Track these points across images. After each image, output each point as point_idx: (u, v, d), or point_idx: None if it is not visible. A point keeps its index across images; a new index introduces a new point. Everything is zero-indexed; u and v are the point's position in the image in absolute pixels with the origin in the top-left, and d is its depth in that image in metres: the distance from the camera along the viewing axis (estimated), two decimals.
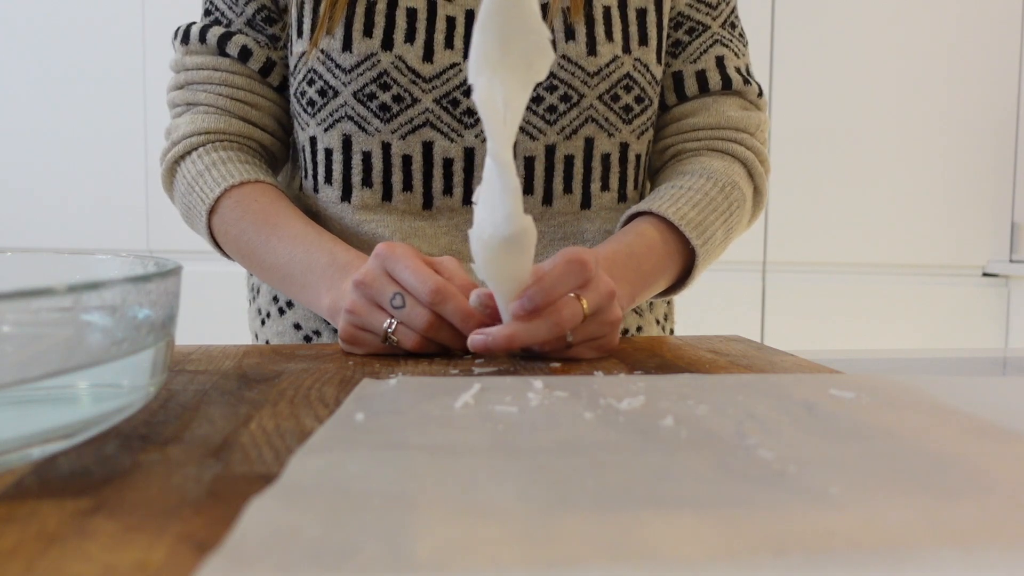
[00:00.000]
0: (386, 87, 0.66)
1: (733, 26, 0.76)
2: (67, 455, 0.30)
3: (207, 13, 0.75)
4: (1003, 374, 0.65)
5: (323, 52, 0.68)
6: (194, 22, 0.74)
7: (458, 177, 0.68)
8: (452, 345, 0.52)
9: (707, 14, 0.75)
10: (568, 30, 0.68)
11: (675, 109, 0.76)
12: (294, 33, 0.71)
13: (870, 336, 1.81)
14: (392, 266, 0.51)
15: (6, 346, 0.29)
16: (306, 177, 0.73)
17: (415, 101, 0.67)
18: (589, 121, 0.69)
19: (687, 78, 0.74)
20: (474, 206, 0.47)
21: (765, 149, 0.76)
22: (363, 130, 0.68)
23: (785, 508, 0.25)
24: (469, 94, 0.67)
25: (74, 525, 0.24)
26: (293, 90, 0.71)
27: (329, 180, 0.70)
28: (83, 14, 1.75)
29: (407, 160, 0.68)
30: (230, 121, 0.72)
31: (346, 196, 0.70)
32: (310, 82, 0.69)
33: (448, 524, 0.23)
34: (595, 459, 0.30)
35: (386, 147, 0.68)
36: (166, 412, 0.37)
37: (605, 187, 0.71)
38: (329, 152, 0.69)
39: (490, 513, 0.24)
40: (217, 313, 1.42)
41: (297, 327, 0.74)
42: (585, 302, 0.50)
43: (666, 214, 0.66)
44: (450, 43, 0.67)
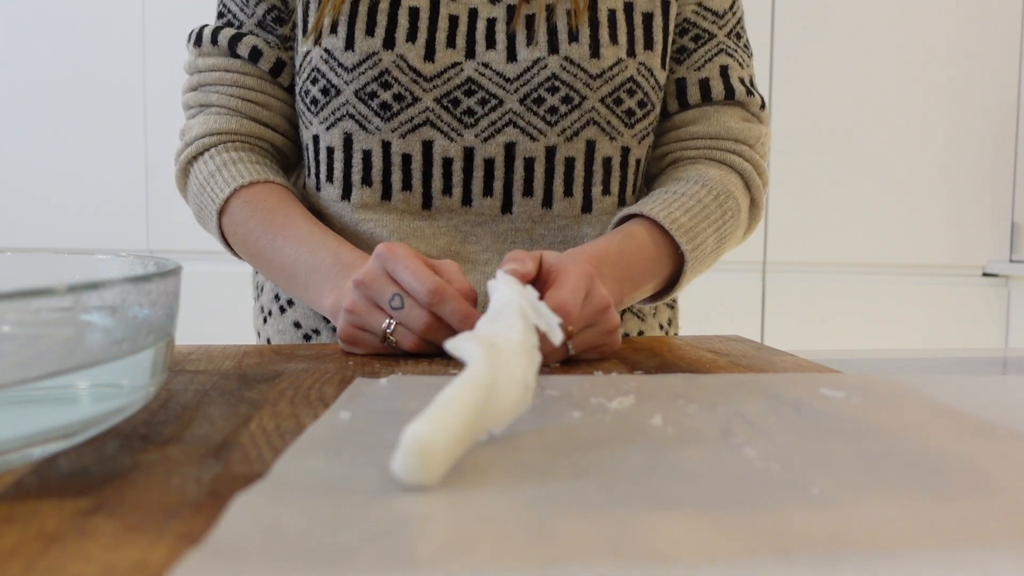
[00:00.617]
0: (387, 86, 0.66)
1: (739, 36, 0.76)
2: (67, 455, 0.30)
3: (220, 16, 0.76)
4: (1003, 374, 0.65)
5: (326, 51, 0.68)
6: (207, 25, 0.75)
7: (457, 177, 0.68)
8: None
9: (713, 22, 0.74)
10: (572, 32, 0.68)
11: (676, 116, 0.75)
12: (299, 32, 0.71)
13: (870, 336, 1.81)
14: (392, 267, 0.51)
15: (6, 346, 0.29)
16: (309, 175, 0.74)
17: (416, 100, 0.67)
18: (591, 123, 0.69)
19: (690, 85, 0.74)
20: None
21: (765, 162, 0.75)
22: (364, 128, 0.68)
23: (764, 506, 0.25)
24: (470, 94, 0.67)
25: (74, 525, 0.24)
26: (298, 88, 0.72)
27: (330, 178, 0.70)
28: (83, 14, 1.75)
29: (407, 159, 0.68)
30: (242, 122, 0.73)
31: (346, 194, 0.70)
32: (313, 80, 0.69)
33: (425, 521, 0.24)
34: (577, 458, 0.30)
35: (386, 146, 0.68)
36: (166, 412, 0.37)
37: (606, 191, 0.71)
38: (331, 150, 0.70)
39: (466, 510, 0.25)
40: (217, 313, 1.42)
41: (297, 325, 0.74)
42: (570, 327, 0.49)
43: (657, 217, 0.65)
44: (452, 42, 0.67)
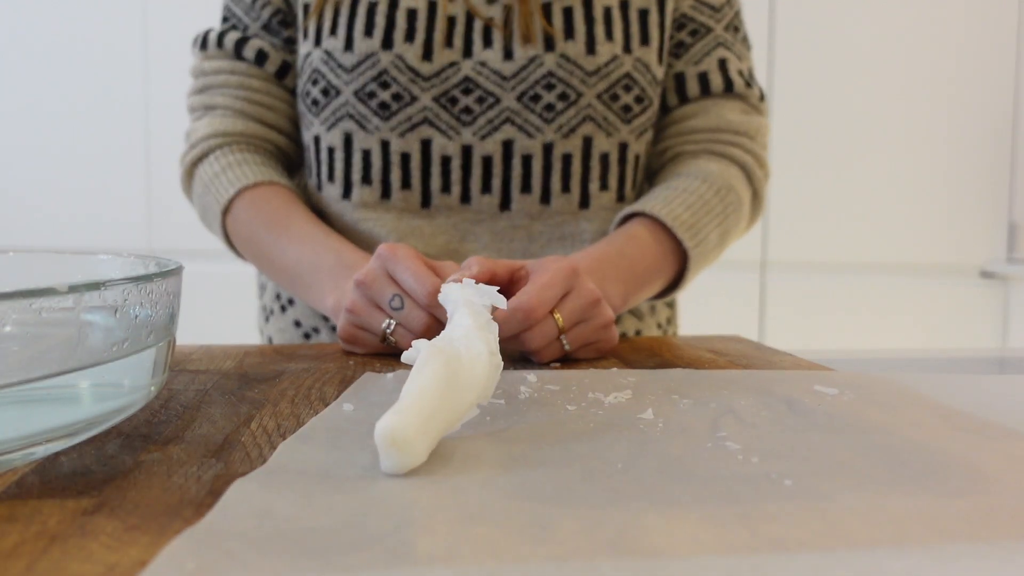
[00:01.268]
0: (386, 85, 0.67)
1: (736, 30, 0.76)
2: (68, 454, 0.30)
3: (225, 20, 0.76)
4: (1000, 374, 0.65)
5: (326, 52, 0.68)
6: (212, 29, 0.75)
7: (456, 175, 0.68)
8: None
9: (710, 16, 0.74)
10: (567, 28, 0.68)
11: (675, 111, 0.75)
12: (300, 35, 0.71)
13: (868, 336, 1.81)
14: (393, 267, 0.51)
15: (8, 346, 0.29)
16: (310, 176, 0.74)
17: (414, 99, 0.67)
18: (587, 120, 0.69)
19: (689, 79, 0.74)
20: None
21: (765, 153, 0.75)
22: (363, 128, 0.68)
23: (734, 496, 0.26)
24: (467, 92, 0.67)
25: (75, 524, 0.24)
26: (299, 90, 0.72)
27: (331, 178, 0.71)
28: (84, 14, 1.75)
29: (406, 158, 0.68)
30: (247, 123, 0.73)
31: (346, 193, 0.70)
32: (314, 81, 0.70)
33: (411, 507, 0.24)
34: (563, 448, 0.31)
35: (385, 145, 0.68)
36: (167, 412, 0.37)
37: (604, 187, 0.71)
38: (331, 150, 0.70)
39: (450, 496, 0.26)
40: (218, 313, 1.42)
41: (297, 324, 0.75)
42: (559, 316, 0.50)
43: (659, 215, 0.65)
44: (449, 42, 0.67)
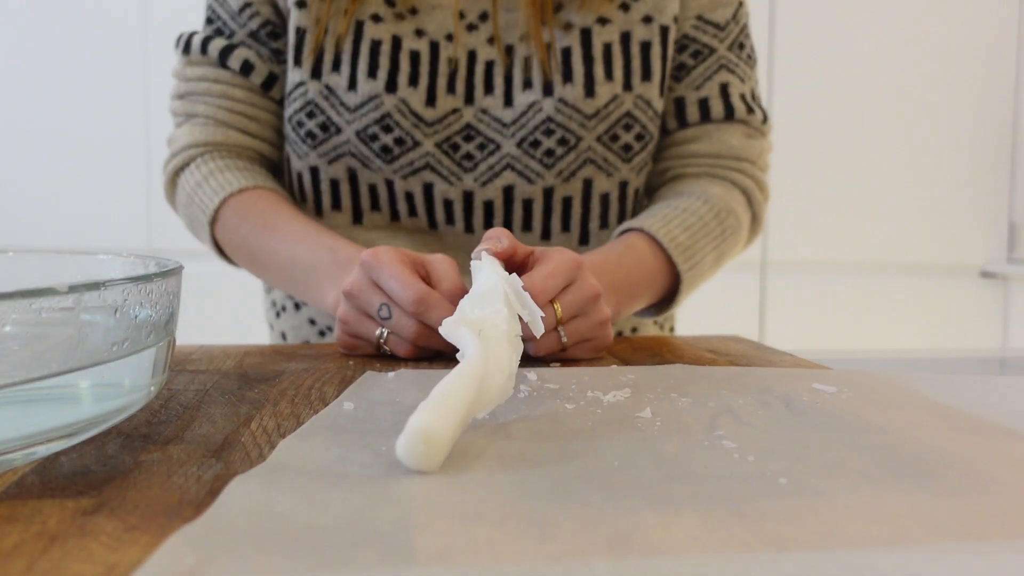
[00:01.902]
0: (388, 129, 0.66)
1: (741, 47, 0.74)
2: (68, 454, 0.30)
3: (209, 21, 0.73)
4: (1001, 374, 0.65)
5: (327, 88, 0.67)
6: (195, 32, 0.73)
7: (458, 215, 0.69)
8: (446, 350, 0.51)
9: (714, 36, 0.72)
10: (566, 71, 0.67)
11: (676, 134, 0.74)
12: (290, 59, 0.69)
13: (868, 335, 1.81)
14: (377, 275, 0.50)
15: (8, 345, 0.29)
16: (304, 200, 0.72)
17: (416, 144, 0.67)
18: (587, 163, 0.68)
19: (689, 105, 0.73)
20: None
21: (766, 176, 0.75)
22: (366, 167, 0.68)
23: (727, 493, 0.26)
24: (469, 139, 0.67)
25: (75, 524, 0.24)
26: (288, 115, 0.70)
27: (338, 207, 0.71)
28: (84, 13, 1.75)
29: (410, 195, 0.69)
30: (227, 132, 0.71)
31: (357, 219, 0.71)
32: (310, 115, 0.68)
33: (409, 503, 0.25)
34: (560, 447, 0.31)
35: (389, 183, 0.69)
36: (167, 411, 0.37)
37: (604, 225, 0.71)
38: (335, 182, 0.70)
39: (449, 494, 0.26)
40: (218, 313, 1.42)
41: (312, 322, 0.75)
42: (559, 306, 0.49)
43: (656, 234, 0.65)
44: (452, 88, 0.67)
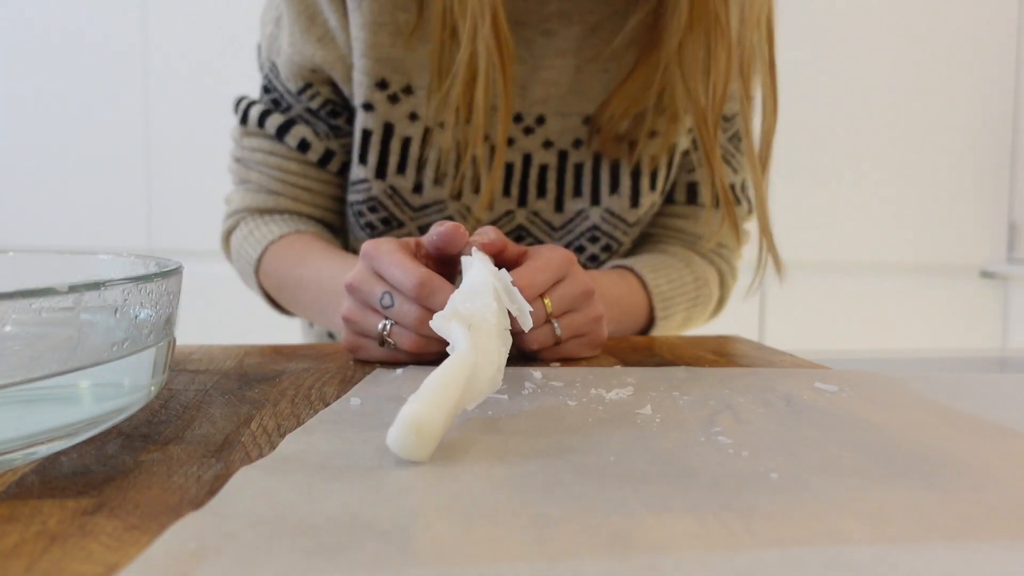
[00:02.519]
0: None
1: (740, 139, 0.76)
2: (69, 454, 0.30)
3: (266, 91, 0.74)
4: (1001, 374, 0.65)
5: (391, 188, 0.70)
6: (254, 101, 0.75)
7: None
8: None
9: (720, 126, 0.73)
10: (613, 183, 0.72)
11: (665, 207, 0.78)
12: (355, 155, 0.71)
13: (868, 336, 1.81)
14: (378, 264, 0.48)
15: (9, 345, 0.29)
16: None
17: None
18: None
19: (679, 186, 0.77)
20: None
21: (738, 263, 0.81)
22: None
23: (719, 489, 0.26)
24: (520, 239, 0.74)
25: (75, 524, 0.24)
26: (351, 202, 0.73)
27: None
28: (83, 12, 1.75)
29: None
30: (279, 200, 0.74)
31: None
32: (372, 209, 0.71)
33: (407, 494, 0.25)
34: (558, 441, 0.31)
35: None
36: (167, 411, 0.37)
37: None
38: None
39: (448, 486, 0.26)
40: (218, 313, 1.42)
41: None
42: (548, 301, 0.49)
43: (644, 277, 0.70)
44: (507, 191, 0.72)
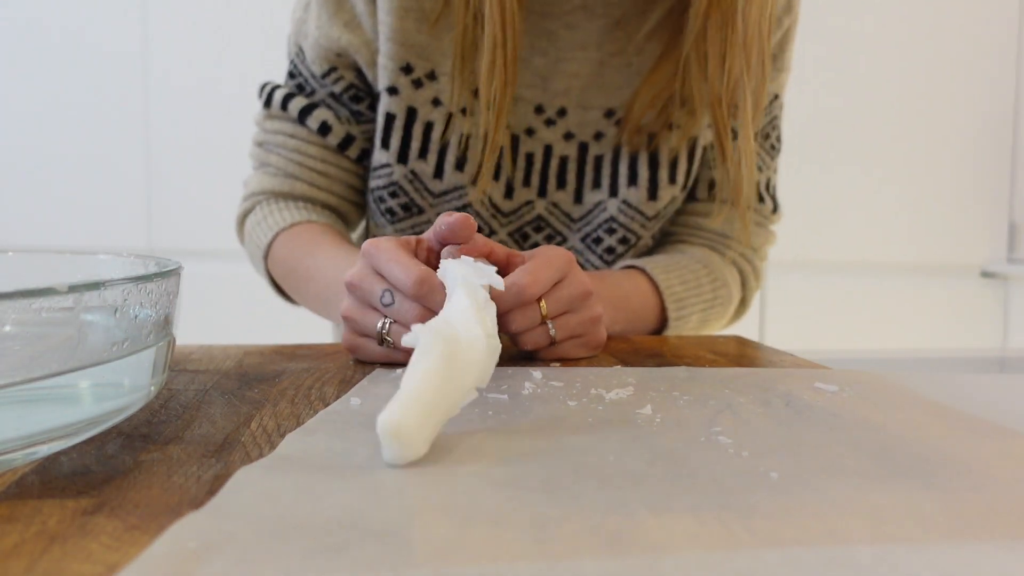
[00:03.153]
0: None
1: (767, 136, 0.76)
2: (68, 454, 0.30)
3: (291, 76, 0.75)
4: (1001, 374, 0.65)
5: (412, 172, 0.70)
6: (278, 86, 0.75)
7: None
8: None
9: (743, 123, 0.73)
10: (631, 175, 0.71)
11: (687, 204, 0.77)
12: (378, 140, 0.71)
13: (868, 336, 1.81)
14: (378, 263, 0.48)
15: (8, 345, 0.29)
16: None
17: (491, 233, 0.73)
18: (640, 256, 0.74)
19: (701, 182, 0.76)
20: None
21: (764, 265, 0.78)
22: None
23: (718, 488, 0.26)
24: (538, 230, 0.73)
25: (75, 524, 0.24)
26: (372, 187, 0.74)
27: None
28: (83, 13, 1.75)
29: None
30: (295, 184, 0.74)
31: None
32: (393, 194, 0.71)
33: (402, 494, 0.25)
34: (557, 441, 0.31)
35: None
36: (167, 411, 0.37)
37: None
38: None
39: (444, 487, 0.26)
40: (218, 313, 1.42)
41: None
42: (543, 303, 0.49)
43: (656, 277, 0.68)
44: (527, 181, 0.71)
